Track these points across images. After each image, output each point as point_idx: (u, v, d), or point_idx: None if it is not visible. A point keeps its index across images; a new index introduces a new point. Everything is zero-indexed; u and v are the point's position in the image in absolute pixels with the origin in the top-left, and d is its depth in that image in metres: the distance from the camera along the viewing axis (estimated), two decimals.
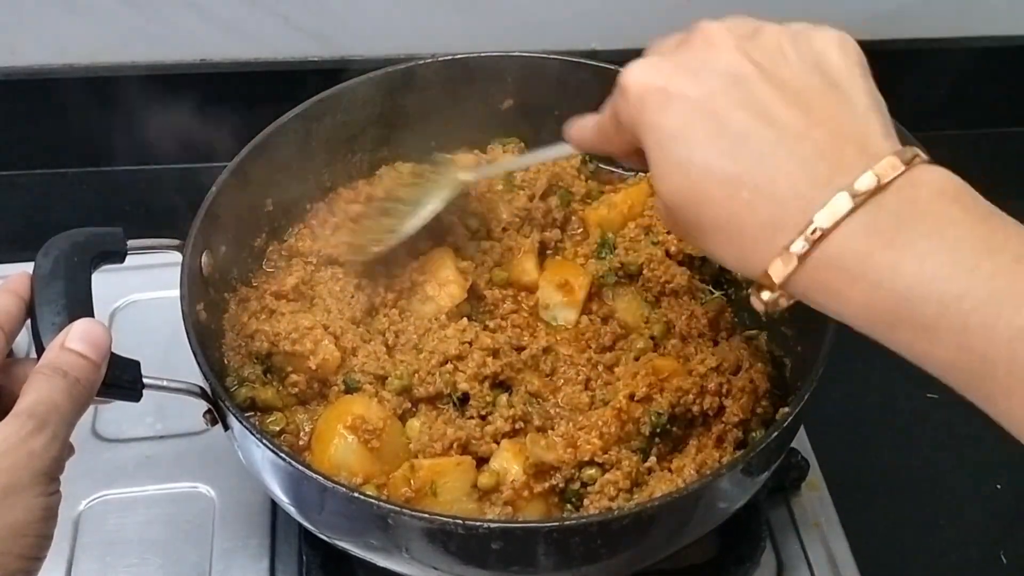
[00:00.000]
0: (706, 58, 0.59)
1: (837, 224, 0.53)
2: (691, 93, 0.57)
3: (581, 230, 1.03)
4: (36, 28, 1.19)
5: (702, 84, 0.57)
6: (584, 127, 0.72)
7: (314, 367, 0.86)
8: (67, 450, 0.65)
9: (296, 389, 0.87)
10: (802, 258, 0.54)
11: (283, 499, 0.80)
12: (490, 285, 0.96)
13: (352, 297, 0.93)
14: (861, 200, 0.53)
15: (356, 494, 0.71)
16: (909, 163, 0.54)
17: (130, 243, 0.80)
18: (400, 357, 0.89)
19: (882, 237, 0.52)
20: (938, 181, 0.54)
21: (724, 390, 0.86)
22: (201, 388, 0.78)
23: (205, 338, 0.84)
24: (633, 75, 0.60)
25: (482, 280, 0.96)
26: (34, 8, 1.18)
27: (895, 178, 0.53)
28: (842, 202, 0.53)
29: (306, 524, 0.83)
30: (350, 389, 0.87)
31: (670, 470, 0.83)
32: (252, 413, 0.87)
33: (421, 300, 0.93)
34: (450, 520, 0.70)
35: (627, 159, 0.68)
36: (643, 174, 1.07)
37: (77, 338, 0.67)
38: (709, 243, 0.59)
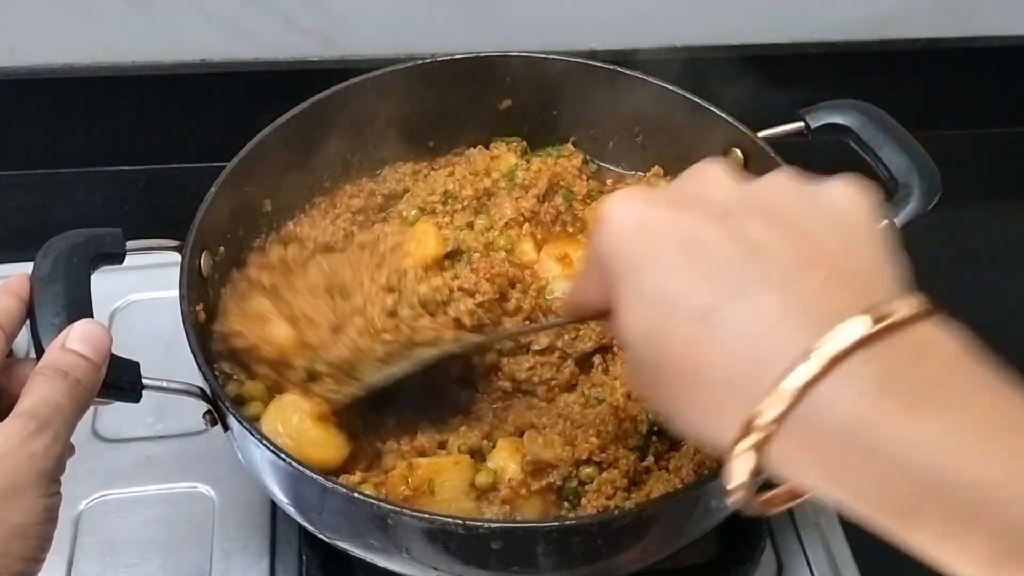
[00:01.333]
0: (697, 192, 0.52)
1: (831, 368, 0.42)
2: (673, 221, 0.50)
3: (583, 231, 1.03)
4: (36, 28, 1.19)
5: (687, 214, 0.50)
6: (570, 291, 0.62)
7: (269, 356, 0.85)
8: (68, 451, 0.65)
9: (269, 382, 0.86)
10: (785, 414, 0.43)
11: (283, 499, 0.80)
12: (488, 248, 0.96)
13: (339, 265, 0.92)
14: (864, 342, 0.43)
15: (356, 494, 0.71)
16: (921, 315, 0.45)
17: (129, 244, 0.80)
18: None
19: (895, 402, 0.42)
20: (952, 342, 0.45)
21: None
22: (201, 389, 0.78)
23: (205, 338, 0.84)
24: (613, 202, 0.53)
25: (478, 243, 0.96)
26: (34, 8, 1.18)
27: (905, 326, 0.44)
28: (844, 336, 0.43)
29: (306, 524, 0.83)
30: (312, 377, 0.85)
31: (668, 469, 0.83)
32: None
33: (400, 257, 0.93)
34: (450, 520, 0.69)
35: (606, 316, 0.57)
36: (643, 173, 1.08)
37: (77, 339, 0.67)
38: (670, 400, 0.49)
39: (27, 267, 0.74)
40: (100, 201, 1.30)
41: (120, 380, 0.71)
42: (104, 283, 0.78)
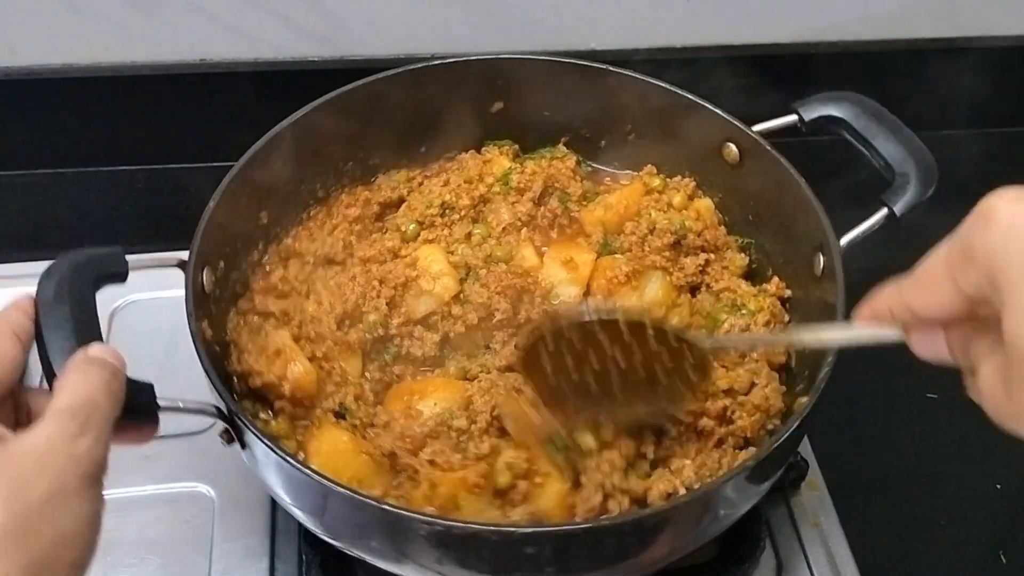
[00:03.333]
0: None
1: None
2: None
3: (581, 233, 1.02)
4: (36, 28, 1.19)
5: None
6: (893, 290, 0.58)
7: (288, 393, 0.86)
8: (108, 451, 0.62)
9: (285, 414, 0.87)
10: None
11: (300, 514, 0.80)
12: (488, 261, 0.96)
13: (349, 289, 0.92)
14: None
15: (390, 507, 0.71)
16: None
17: (130, 260, 0.78)
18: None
19: None
20: None
21: (728, 413, 0.85)
22: (216, 408, 0.77)
23: (211, 355, 0.83)
24: (1004, 199, 0.50)
25: (478, 260, 0.96)
26: (34, 8, 1.18)
27: None
28: None
29: (315, 530, 0.82)
30: (340, 415, 0.87)
31: (671, 470, 0.83)
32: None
33: (415, 295, 0.93)
34: (457, 523, 0.70)
35: (950, 319, 0.55)
36: (636, 172, 1.07)
37: (98, 348, 0.66)
38: None
39: (28, 267, 0.74)
40: (100, 201, 1.30)
41: (134, 402, 0.68)
42: None
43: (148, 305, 1.13)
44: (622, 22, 1.25)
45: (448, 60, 1.03)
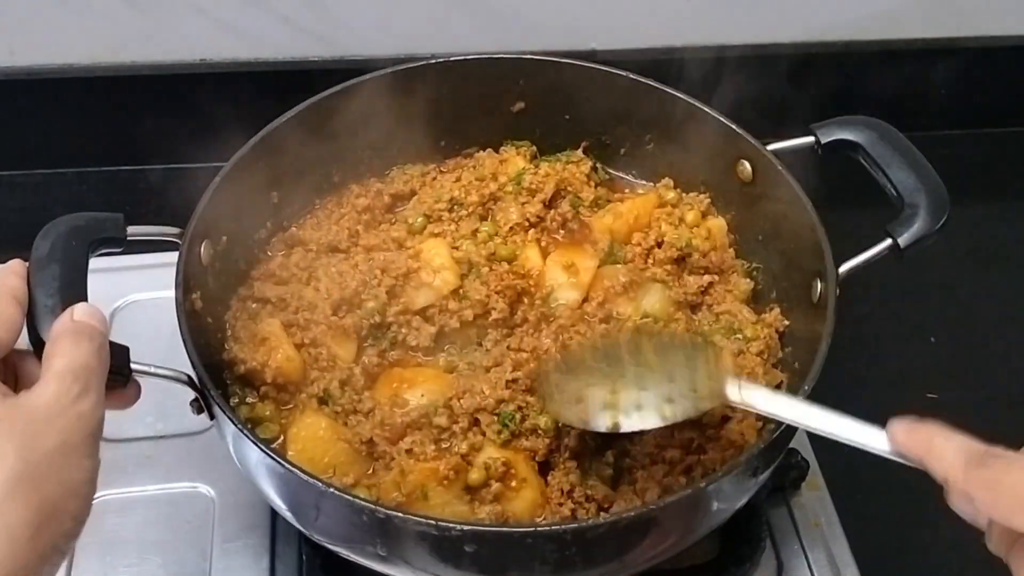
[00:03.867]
0: None
1: None
2: None
3: (590, 238, 1.02)
4: (36, 28, 1.19)
5: None
6: (958, 456, 0.61)
7: (270, 379, 0.86)
8: (104, 411, 0.65)
9: (270, 399, 0.87)
10: None
11: (274, 499, 0.80)
12: (491, 260, 0.96)
13: (351, 276, 0.92)
14: None
15: (320, 483, 0.71)
16: None
17: (130, 229, 0.79)
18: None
19: None
20: None
21: (694, 445, 0.84)
22: (188, 376, 0.78)
23: (200, 328, 0.84)
24: None
25: (480, 258, 0.97)
26: (34, 8, 1.18)
27: None
28: None
29: (291, 519, 0.82)
30: (324, 402, 0.87)
31: (635, 490, 0.82)
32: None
33: (415, 287, 0.93)
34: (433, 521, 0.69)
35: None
36: (653, 184, 1.07)
37: (82, 312, 0.68)
38: None
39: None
40: (100, 201, 1.30)
41: (111, 363, 0.69)
42: (104, 283, 0.78)
43: (148, 305, 1.14)
44: (622, 22, 1.25)
45: (471, 56, 1.03)
